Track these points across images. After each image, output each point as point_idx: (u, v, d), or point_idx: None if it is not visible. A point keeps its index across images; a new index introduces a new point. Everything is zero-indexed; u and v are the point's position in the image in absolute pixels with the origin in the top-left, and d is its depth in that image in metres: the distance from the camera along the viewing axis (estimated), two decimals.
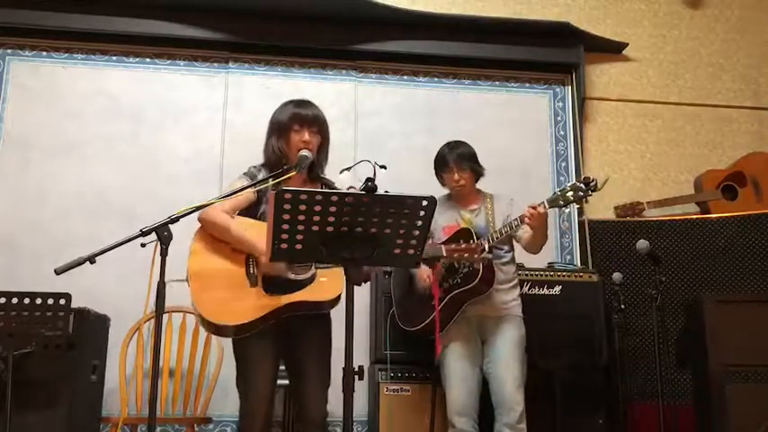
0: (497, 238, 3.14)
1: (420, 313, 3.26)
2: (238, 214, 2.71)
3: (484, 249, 3.05)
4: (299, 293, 2.58)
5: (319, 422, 2.64)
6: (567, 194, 2.97)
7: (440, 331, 3.21)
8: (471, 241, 3.09)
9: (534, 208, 2.98)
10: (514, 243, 3.32)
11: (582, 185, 2.97)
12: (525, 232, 3.17)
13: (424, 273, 3.23)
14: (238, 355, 2.68)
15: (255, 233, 2.60)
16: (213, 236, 2.64)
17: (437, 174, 3.41)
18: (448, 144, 3.39)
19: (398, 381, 3.58)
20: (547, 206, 2.99)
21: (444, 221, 3.33)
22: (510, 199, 3.37)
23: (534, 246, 3.20)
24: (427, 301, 3.23)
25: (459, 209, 3.36)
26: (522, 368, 3.15)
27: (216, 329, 2.61)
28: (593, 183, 2.96)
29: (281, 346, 2.69)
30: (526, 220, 3.00)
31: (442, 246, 3.07)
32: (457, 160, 3.30)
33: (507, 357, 3.14)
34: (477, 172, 3.35)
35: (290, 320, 2.61)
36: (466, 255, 3.01)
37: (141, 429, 3.71)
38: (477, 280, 3.10)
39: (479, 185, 3.43)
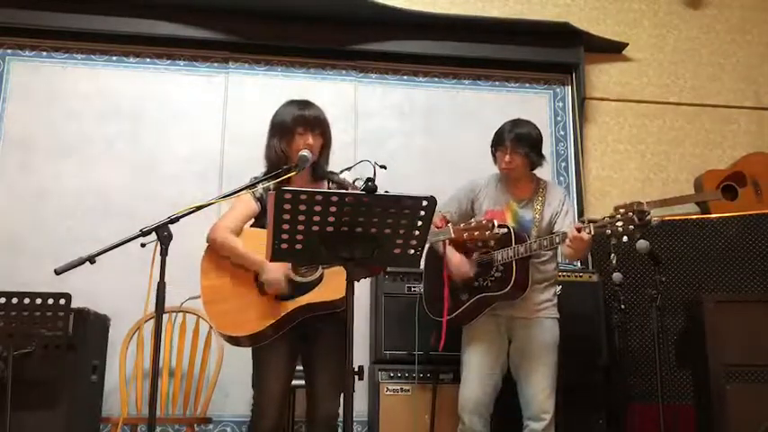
0: (535, 249, 2.99)
1: (441, 302, 3.14)
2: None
3: (494, 225, 2.86)
4: (308, 296, 2.59)
5: (327, 422, 2.64)
6: (617, 225, 2.77)
7: (465, 324, 3.16)
8: (508, 245, 2.98)
9: (579, 230, 2.84)
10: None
11: (635, 218, 2.74)
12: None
13: (460, 266, 3.09)
14: (255, 355, 2.70)
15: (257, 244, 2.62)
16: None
17: (491, 149, 3.23)
18: (512, 121, 3.21)
19: (398, 381, 3.58)
20: (592, 232, 2.84)
21: (490, 205, 3.19)
22: (564, 194, 3.23)
23: (571, 259, 3.15)
24: (456, 293, 3.14)
25: (509, 196, 3.21)
26: (553, 374, 3.05)
27: (233, 341, 2.64)
28: (648, 217, 2.76)
29: (298, 348, 2.71)
30: (567, 241, 2.87)
31: (450, 226, 2.95)
32: (514, 140, 3.11)
33: (537, 364, 3.04)
34: (533, 160, 3.18)
35: (305, 322, 2.61)
36: (477, 233, 2.85)
37: (141, 429, 3.71)
38: (509, 287, 2.98)
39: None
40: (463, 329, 3.21)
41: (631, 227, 2.75)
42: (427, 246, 2.86)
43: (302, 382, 2.79)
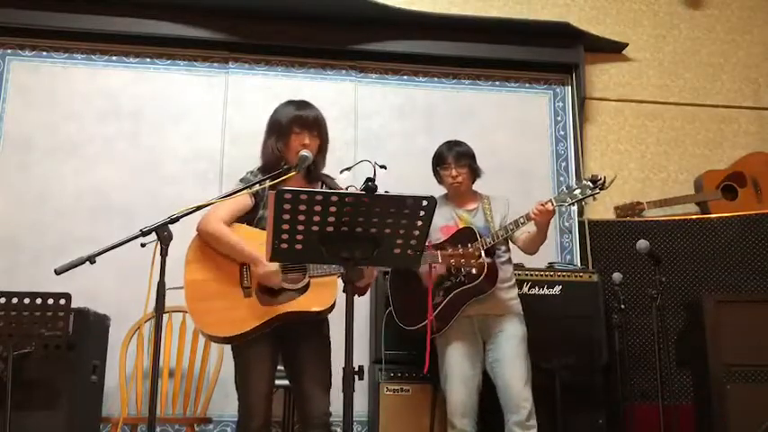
0: (502, 236, 3.13)
1: (419, 312, 3.22)
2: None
3: (481, 255, 3.04)
4: (291, 303, 2.59)
5: (321, 422, 2.63)
6: (575, 192, 3.00)
7: (440, 331, 3.20)
8: (474, 241, 3.07)
9: (543, 205, 3.00)
10: (510, 244, 3.32)
11: (590, 183, 2.99)
12: (522, 233, 3.19)
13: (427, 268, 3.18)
14: (236, 356, 2.69)
15: (253, 244, 2.61)
16: (209, 245, 2.64)
17: (435, 170, 3.43)
18: (447, 142, 3.41)
19: (398, 381, 3.58)
20: (554, 203, 3.01)
21: (442, 221, 3.30)
22: (506, 199, 3.37)
23: (533, 245, 3.20)
24: (426, 299, 3.19)
25: (456, 209, 3.35)
26: (527, 365, 3.14)
27: (211, 338, 2.64)
28: (602, 180, 2.98)
29: (280, 348, 2.70)
30: (532, 216, 3.02)
31: (439, 252, 3.03)
32: (456, 157, 3.33)
33: (512, 356, 3.13)
34: (475, 171, 3.37)
35: (287, 324, 2.61)
36: (463, 260, 2.99)
37: (141, 429, 3.71)
38: (480, 279, 3.08)
39: (476, 187, 3.42)
40: (437, 336, 3.23)
41: (588, 191, 3.00)
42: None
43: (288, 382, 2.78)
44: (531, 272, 3.76)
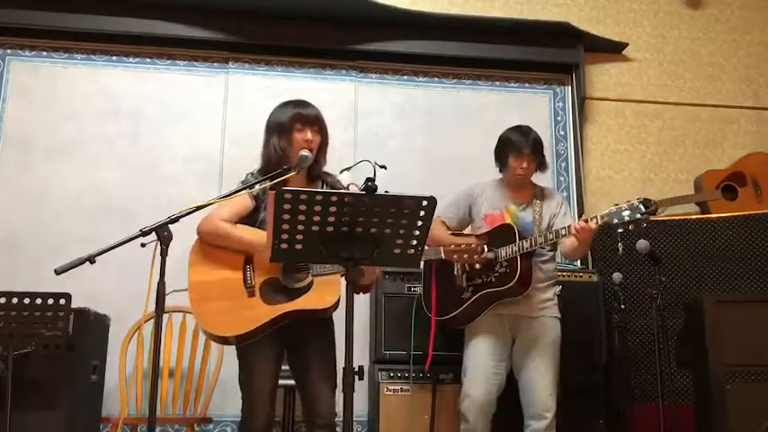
0: (540, 243, 3.03)
1: (447, 303, 3.19)
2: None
3: (484, 250, 2.95)
4: (296, 302, 2.59)
5: (327, 422, 2.64)
6: (623, 213, 2.84)
7: (462, 325, 3.17)
8: (512, 242, 3.02)
9: (585, 221, 2.90)
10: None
11: (641, 206, 2.83)
12: (567, 239, 3.06)
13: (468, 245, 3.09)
14: (240, 356, 2.70)
15: (256, 235, 2.62)
16: (211, 246, 2.65)
17: (502, 155, 3.25)
18: (519, 128, 3.24)
19: (398, 381, 3.58)
20: (599, 221, 2.89)
21: (488, 209, 3.23)
22: (561, 198, 3.29)
23: (574, 255, 3.14)
24: (458, 291, 3.16)
25: (508, 199, 3.26)
26: (555, 373, 3.09)
27: (217, 339, 2.64)
28: (654, 207, 2.83)
29: (284, 347, 2.71)
30: (573, 232, 2.91)
31: (441, 247, 2.99)
32: (533, 147, 3.16)
33: (540, 362, 3.07)
34: (544, 165, 3.25)
35: (292, 323, 2.61)
36: (465, 256, 2.93)
37: (141, 429, 3.71)
38: (513, 282, 3.01)
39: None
40: (466, 329, 3.20)
41: (638, 215, 2.82)
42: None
43: (292, 381, 2.79)
44: None
